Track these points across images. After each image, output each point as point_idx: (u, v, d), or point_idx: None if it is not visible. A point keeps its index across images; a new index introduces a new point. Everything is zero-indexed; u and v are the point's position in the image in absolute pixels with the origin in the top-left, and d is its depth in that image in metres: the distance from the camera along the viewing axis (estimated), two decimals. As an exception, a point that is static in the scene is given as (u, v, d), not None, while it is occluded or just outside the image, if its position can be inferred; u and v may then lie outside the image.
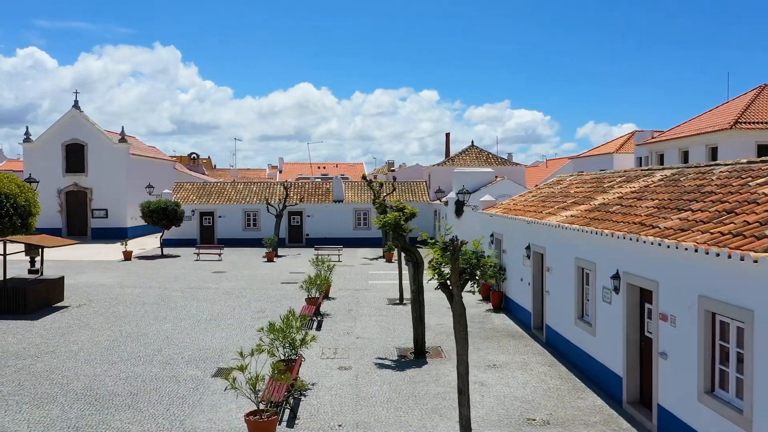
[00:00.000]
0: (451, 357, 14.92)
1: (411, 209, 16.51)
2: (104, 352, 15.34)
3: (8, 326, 17.83)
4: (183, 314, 19.89)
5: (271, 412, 10.15)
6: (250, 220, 42.76)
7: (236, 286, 25.59)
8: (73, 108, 45.69)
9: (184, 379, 13.22)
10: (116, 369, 13.90)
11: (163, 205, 36.08)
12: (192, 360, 14.70)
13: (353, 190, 44.79)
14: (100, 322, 18.55)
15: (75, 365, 14.16)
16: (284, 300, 22.55)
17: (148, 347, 15.81)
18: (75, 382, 12.96)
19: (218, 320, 19.06)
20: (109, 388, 12.61)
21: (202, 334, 17.32)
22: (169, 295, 23.32)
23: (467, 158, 43.77)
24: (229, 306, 21.37)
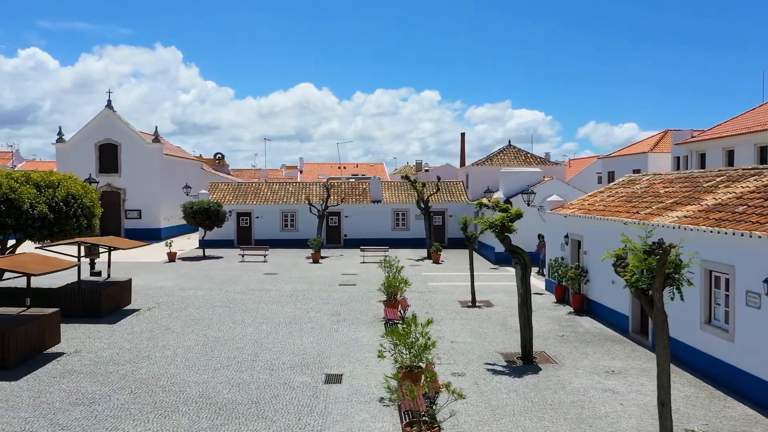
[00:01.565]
0: (563, 362, 14.44)
1: (517, 210, 15.98)
2: (200, 357, 14.88)
3: (89, 330, 17.38)
4: (258, 317, 19.42)
5: (431, 424, 9.63)
6: (288, 220, 42.29)
7: (296, 288, 25.12)
8: (106, 108, 45.30)
9: (298, 386, 12.75)
10: (222, 375, 13.43)
11: (206, 206, 35.66)
12: (294, 365, 14.22)
13: (390, 191, 44.30)
14: (180, 326, 18.09)
15: (178, 371, 13.70)
16: (353, 302, 22.09)
17: (242, 352, 15.33)
18: (188, 389, 12.49)
19: (298, 324, 18.58)
20: (225, 395, 12.14)
21: (289, 338, 16.84)
22: (234, 298, 22.86)
23: (505, 158, 43.23)
24: (300, 309, 20.88)
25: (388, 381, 11.39)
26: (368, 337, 16.98)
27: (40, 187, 20.58)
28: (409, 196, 43.52)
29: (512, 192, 34.32)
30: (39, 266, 14.30)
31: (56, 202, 20.48)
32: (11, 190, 19.63)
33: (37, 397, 11.90)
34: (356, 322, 18.85)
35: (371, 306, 21.48)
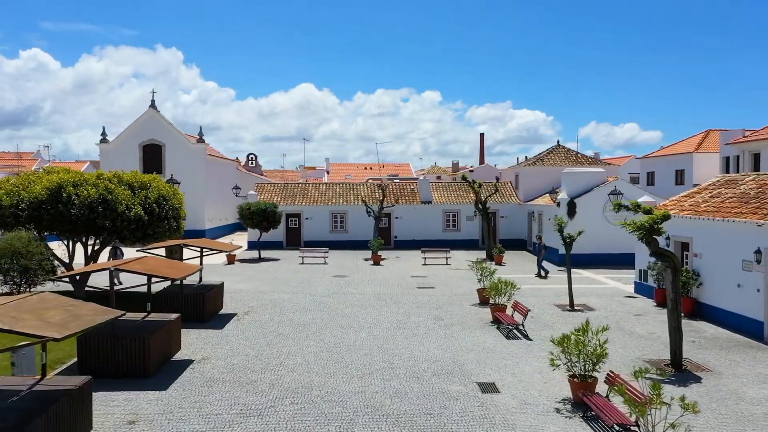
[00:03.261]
0: (718, 371, 13.84)
1: (664, 211, 15.37)
2: (334, 364, 14.31)
3: (201, 335, 16.83)
4: (362, 322, 18.86)
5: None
6: (337, 221, 41.74)
7: (377, 292, 24.55)
8: (150, 108, 44.84)
9: (457, 395, 12.19)
10: (371, 384, 12.87)
11: (263, 207, 35.13)
12: (438, 373, 13.66)
13: (439, 191, 43.73)
14: (291, 331, 17.53)
15: (322, 380, 13.14)
16: (446, 306, 21.54)
17: (373, 359, 14.77)
18: (347, 399, 11.94)
19: (407, 329, 18.01)
20: (391, 405, 11.58)
21: (410, 344, 16.28)
22: (321, 301, 22.31)
23: (556, 158, 42.63)
24: (398, 313, 20.32)
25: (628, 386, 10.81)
26: (491, 342, 16.43)
27: (134, 188, 20.10)
28: (459, 197, 42.98)
29: (576, 192, 33.70)
30: (175, 270, 13.77)
31: (149, 203, 19.98)
32: (107, 191, 19.16)
33: (200, 408, 11.34)
34: (467, 327, 18.28)
35: (469, 309, 20.93)
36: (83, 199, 18.70)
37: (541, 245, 29.52)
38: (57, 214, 18.70)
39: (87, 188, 18.92)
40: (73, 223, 18.84)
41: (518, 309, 17.91)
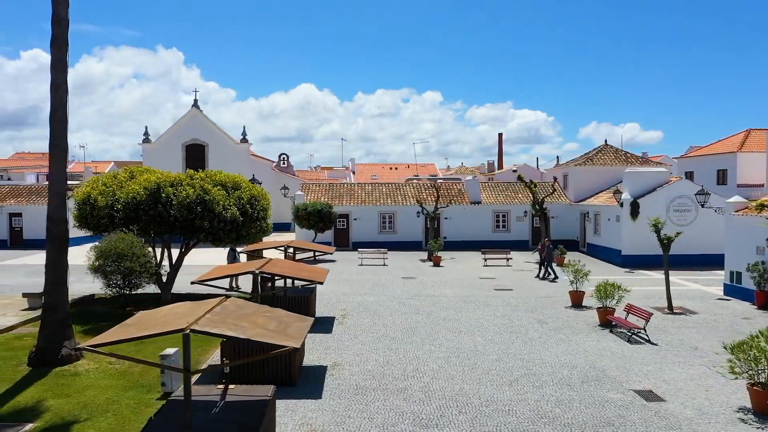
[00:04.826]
0: None
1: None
2: (471, 371, 13.80)
3: (314, 339, 16.29)
4: (466, 325, 18.36)
5: None
6: (386, 222, 41.24)
7: (459, 294, 24.05)
8: (193, 108, 44.40)
9: (625, 404, 11.68)
10: (526, 391, 12.37)
11: (319, 207, 34.64)
12: (585, 380, 13.15)
13: (487, 191, 43.19)
14: (403, 335, 17.02)
15: (471, 387, 12.64)
16: (540, 309, 21.02)
17: (507, 364, 14.27)
18: (515, 408, 11.43)
19: (518, 333, 17.50)
20: (566, 415, 11.07)
21: (533, 348, 15.78)
22: (409, 303, 21.80)
23: (605, 157, 42.07)
24: (497, 316, 19.80)
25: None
26: (616, 347, 15.91)
27: (227, 189, 19.62)
28: (508, 197, 42.46)
29: (639, 192, 33.14)
30: (311, 273, 13.29)
31: (242, 203, 19.51)
32: (203, 191, 18.69)
33: (371, 418, 10.85)
34: (577, 330, 17.77)
35: (567, 312, 20.42)
36: (182, 199, 18.24)
37: (548, 246, 28.30)
38: (155, 214, 18.23)
39: (185, 188, 18.45)
40: (171, 224, 18.37)
41: (635, 312, 17.38)
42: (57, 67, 13.34)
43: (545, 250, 28.50)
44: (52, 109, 13.48)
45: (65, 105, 13.59)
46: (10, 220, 40.69)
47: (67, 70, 13.51)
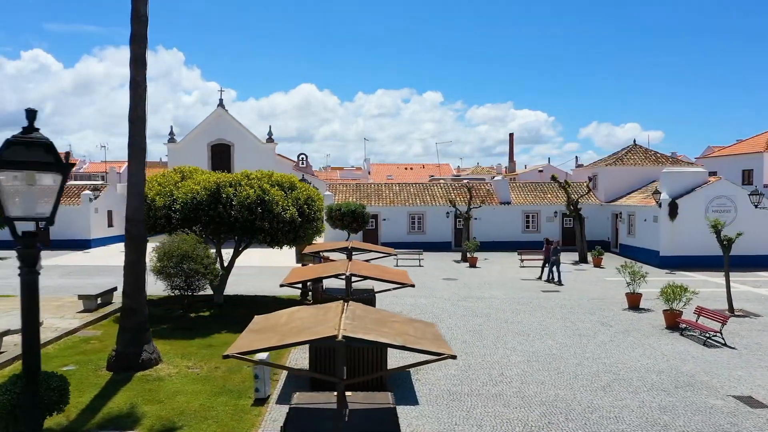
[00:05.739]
0: None
1: None
2: (557, 375, 13.47)
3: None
4: (530, 328, 18.04)
5: None
6: (415, 222, 40.91)
7: (509, 295, 23.73)
8: (218, 107, 44.10)
9: (732, 412, 11.34)
10: (622, 397, 12.04)
11: (353, 208, 34.30)
12: (678, 385, 12.82)
13: (515, 192, 42.84)
14: (472, 339, 16.70)
15: (565, 393, 12.31)
16: (598, 311, 20.68)
17: (590, 368, 13.93)
18: (621, 415, 11.11)
19: (585, 335, 17.17)
20: (678, 423, 10.74)
21: (606, 351, 15.46)
22: (464, 305, 21.47)
23: (635, 157, 41.73)
24: (556, 317, 19.48)
25: None
26: (694, 350, 15.58)
27: (284, 189, 19.30)
28: (538, 198, 42.13)
29: (677, 193, 32.79)
30: (398, 276, 12.96)
31: (300, 204, 19.19)
32: (263, 191, 18.37)
33: (479, 426, 10.52)
34: (647, 333, 17.44)
35: (627, 314, 20.09)
36: (242, 199, 17.92)
37: (556, 248, 27.34)
38: (215, 215, 17.92)
39: (245, 188, 18.14)
40: (231, 225, 18.06)
41: (707, 315, 17.04)
42: (136, 64, 13.03)
43: (550, 251, 27.54)
44: (132, 107, 13.17)
45: (144, 103, 13.27)
46: (37, 220, 40.36)
47: (146, 67, 13.19)
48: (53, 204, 3.67)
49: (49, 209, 3.66)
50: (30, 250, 3.63)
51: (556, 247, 27.40)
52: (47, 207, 3.64)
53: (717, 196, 32.47)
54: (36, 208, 3.60)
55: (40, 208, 3.61)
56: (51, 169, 3.58)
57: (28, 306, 3.65)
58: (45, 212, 3.66)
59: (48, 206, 3.65)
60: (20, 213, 3.57)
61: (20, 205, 3.55)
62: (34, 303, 3.66)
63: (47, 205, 3.63)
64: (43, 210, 3.65)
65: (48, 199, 3.63)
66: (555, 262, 27.14)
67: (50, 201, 3.65)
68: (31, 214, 3.61)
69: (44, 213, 3.67)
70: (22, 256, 3.61)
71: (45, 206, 3.63)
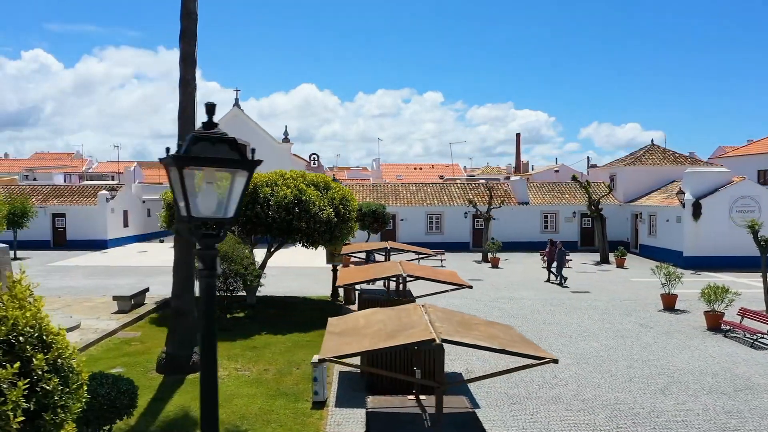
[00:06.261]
0: None
1: None
2: (611, 378, 13.29)
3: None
4: (570, 329, 17.86)
5: None
6: (433, 223, 40.71)
7: (540, 296, 23.54)
8: (234, 107, 43.93)
9: (798, 415, 11.15)
10: (683, 400, 11.86)
11: (374, 208, 34.13)
12: (738, 388, 12.64)
13: (533, 192, 42.62)
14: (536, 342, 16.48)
15: (625, 396, 12.12)
16: (634, 312, 20.52)
17: (643, 371, 13.75)
18: (689, 419, 10.92)
19: (627, 336, 16.99)
20: (749, 427, 10.55)
21: (654, 353, 15.30)
22: (499, 307, 21.27)
23: (653, 157, 41.50)
24: (594, 319, 19.29)
25: None
26: (742, 352, 15.40)
27: (319, 188, 19.11)
28: (556, 198, 41.92)
29: (700, 193, 32.56)
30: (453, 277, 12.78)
31: (335, 204, 19.00)
32: (299, 191, 18.19)
33: (566, 431, 10.32)
34: (689, 335, 17.25)
35: (663, 316, 19.89)
36: (279, 199, 17.74)
37: (560, 249, 26.95)
38: (253, 215, 17.74)
39: (282, 188, 17.96)
40: (269, 225, 17.88)
41: (752, 316, 16.83)
42: (186, 62, 12.84)
43: (554, 252, 27.27)
44: (182, 106, 12.99)
45: (194, 101, 13.10)
46: (54, 220, 40.22)
47: (196, 65, 13.01)
48: (237, 203, 3.47)
49: (232, 209, 3.47)
50: (210, 252, 3.44)
51: (561, 248, 27.20)
52: (231, 207, 3.45)
53: (741, 196, 32.25)
54: (219, 207, 3.40)
55: (223, 207, 3.42)
56: (236, 166, 3.40)
57: (206, 309, 3.45)
58: (228, 212, 3.47)
59: (232, 206, 3.46)
60: (204, 213, 3.38)
61: (204, 205, 3.36)
62: (211, 305, 3.47)
63: (231, 204, 3.44)
64: (227, 210, 3.45)
65: (232, 198, 3.43)
66: (560, 263, 26.95)
67: (234, 200, 3.45)
68: (214, 214, 3.42)
69: (227, 213, 3.48)
70: (203, 258, 3.42)
71: (229, 206, 3.44)
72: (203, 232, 3.43)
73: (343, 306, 20.88)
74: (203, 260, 3.41)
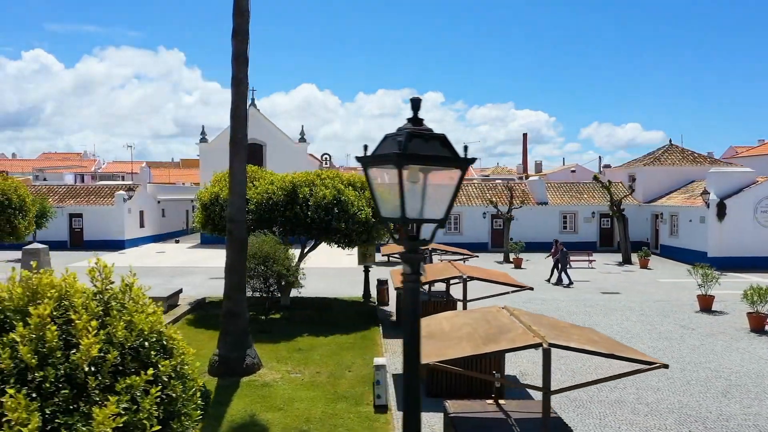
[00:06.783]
0: None
1: None
2: (666, 380, 13.09)
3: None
4: (612, 332, 17.63)
5: None
6: (452, 223, 40.51)
7: (571, 297, 23.36)
8: (250, 107, 43.67)
9: None
10: (748, 405, 11.64)
11: (395, 208, 33.93)
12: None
13: (551, 192, 42.42)
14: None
15: (686, 399, 11.94)
16: (671, 313, 20.35)
17: (693, 374, 13.56)
18: (764, 425, 10.71)
19: (670, 338, 16.81)
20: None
21: (702, 354, 15.11)
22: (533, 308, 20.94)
23: (672, 157, 41.32)
24: (631, 320, 19.11)
25: None
26: (795, 355, 15.19)
27: (356, 189, 18.93)
28: (574, 198, 41.72)
29: (725, 193, 32.36)
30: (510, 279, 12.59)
31: (372, 204, 18.80)
32: (338, 191, 18.01)
33: (622, 435, 10.14)
34: (734, 337, 17.08)
35: (701, 317, 19.72)
36: (319, 200, 17.56)
37: (562, 250, 26.85)
38: (292, 215, 17.56)
39: (321, 189, 17.78)
40: (308, 226, 17.70)
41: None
42: (239, 61, 12.66)
43: (558, 253, 27.08)
44: (234, 105, 12.81)
45: (246, 100, 12.92)
46: (71, 220, 40.06)
47: (248, 63, 12.83)
48: (448, 204, 3.28)
49: (443, 210, 3.29)
50: (417, 255, 3.26)
51: (562, 249, 26.99)
52: (441, 207, 3.26)
53: (766, 196, 32.04)
54: (431, 208, 3.22)
55: (434, 208, 3.23)
56: (451, 165, 3.21)
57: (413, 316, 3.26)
58: (439, 213, 3.29)
59: (442, 206, 3.27)
60: (415, 214, 3.19)
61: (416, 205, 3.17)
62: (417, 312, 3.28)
63: (442, 205, 3.26)
64: (438, 211, 3.27)
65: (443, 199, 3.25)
66: (563, 264, 26.75)
67: (445, 201, 3.26)
68: (425, 216, 3.23)
69: (438, 215, 3.29)
70: (410, 262, 3.24)
71: (439, 207, 3.25)
72: (410, 234, 3.24)
73: (377, 307, 20.70)
74: (410, 264, 3.23)
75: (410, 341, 3.28)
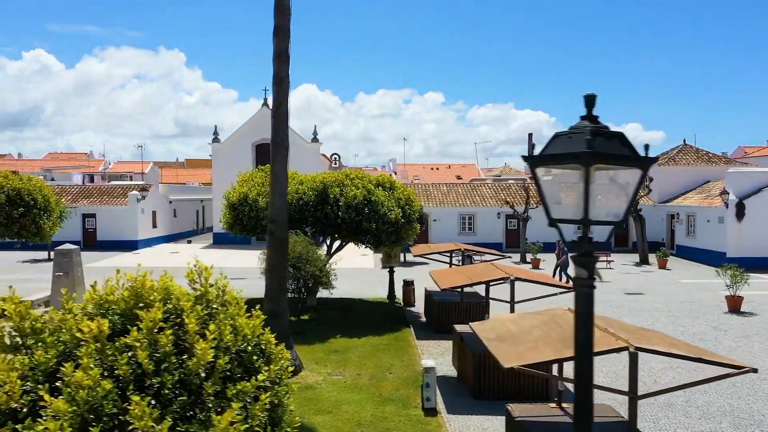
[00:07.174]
0: None
1: None
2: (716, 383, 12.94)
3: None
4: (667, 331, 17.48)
5: None
6: (465, 223, 40.38)
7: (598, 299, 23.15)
8: (263, 106, 43.59)
9: None
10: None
11: (412, 208, 33.78)
12: None
13: (565, 192, 42.23)
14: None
15: (738, 403, 11.78)
16: (700, 314, 20.19)
17: (743, 377, 13.38)
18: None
19: (706, 340, 16.67)
20: None
21: (738, 356, 14.91)
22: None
23: (687, 157, 41.15)
24: (660, 321, 18.94)
25: None
26: (835, 357, 15.04)
27: (386, 189, 18.80)
28: (589, 198, 41.52)
29: (743, 193, 32.18)
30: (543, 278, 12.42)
31: (401, 204, 18.69)
32: (368, 191, 17.88)
33: (680, 439, 9.99)
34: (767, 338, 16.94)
35: (731, 318, 19.60)
36: (349, 200, 17.42)
37: (564, 250, 26.60)
38: (322, 216, 17.43)
39: (351, 189, 17.64)
40: (338, 226, 17.56)
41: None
42: (280, 59, 12.53)
43: (561, 253, 26.95)
44: (276, 104, 12.68)
45: (287, 99, 12.78)
46: (84, 221, 39.94)
47: (289, 62, 12.69)
48: (627, 205, 3.16)
49: (622, 211, 3.16)
50: (592, 258, 3.13)
51: (564, 249, 26.82)
52: (620, 208, 3.14)
53: (786, 196, 31.85)
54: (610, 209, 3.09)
55: (612, 209, 3.11)
56: (633, 164, 3.08)
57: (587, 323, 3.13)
58: (618, 215, 3.16)
59: (622, 207, 3.14)
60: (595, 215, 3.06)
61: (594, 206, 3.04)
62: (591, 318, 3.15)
63: (621, 206, 3.13)
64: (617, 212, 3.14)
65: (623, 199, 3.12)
66: (564, 264, 26.61)
67: (625, 201, 3.14)
68: (607, 217, 3.10)
69: (617, 216, 3.16)
70: (585, 265, 3.11)
71: (618, 207, 3.12)
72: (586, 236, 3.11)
73: (403, 308, 20.55)
74: (585, 268, 3.10)
75: (584, 347, 3.15)
